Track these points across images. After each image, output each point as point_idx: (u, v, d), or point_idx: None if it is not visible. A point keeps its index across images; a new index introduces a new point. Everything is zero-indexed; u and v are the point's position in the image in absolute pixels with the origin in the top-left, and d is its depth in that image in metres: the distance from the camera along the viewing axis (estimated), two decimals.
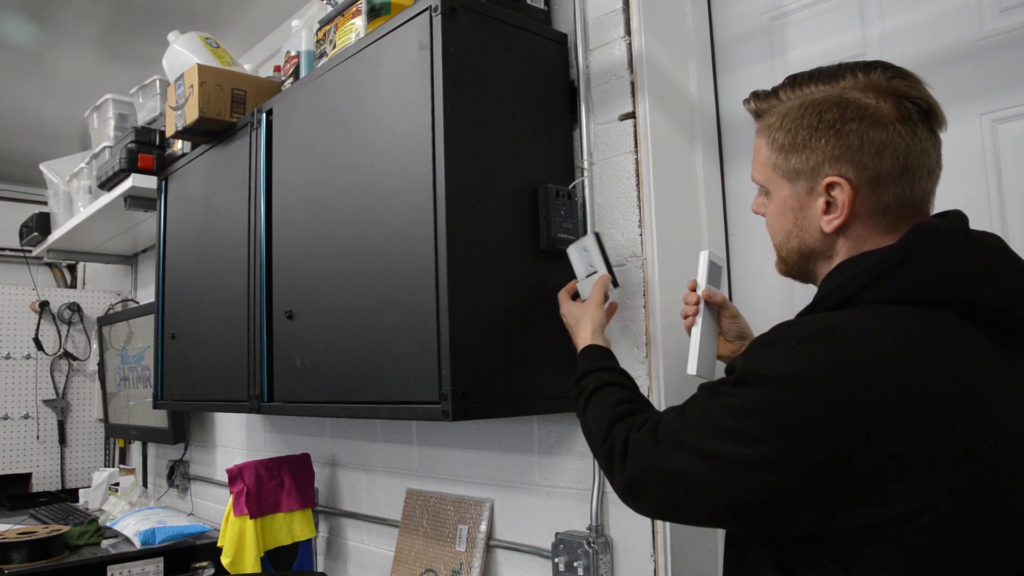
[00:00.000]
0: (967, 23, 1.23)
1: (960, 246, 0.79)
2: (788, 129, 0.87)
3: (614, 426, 0.95)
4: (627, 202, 1.43)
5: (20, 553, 2.12)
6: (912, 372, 0.72)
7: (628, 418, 0.96)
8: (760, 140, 0.91)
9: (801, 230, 0.88)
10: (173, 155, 2.35)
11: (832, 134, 0.83)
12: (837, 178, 0.83)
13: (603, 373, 1.11)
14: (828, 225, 0.85)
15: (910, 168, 0.82)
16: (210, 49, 2.11)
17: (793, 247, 0.90)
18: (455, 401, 1.24)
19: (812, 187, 0.85)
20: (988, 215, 1.20)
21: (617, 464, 0.91)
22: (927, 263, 0.78)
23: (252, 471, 1.97)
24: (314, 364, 1.57)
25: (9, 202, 4.31)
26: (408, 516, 1.84)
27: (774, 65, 1.48)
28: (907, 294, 0.78)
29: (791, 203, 0.88)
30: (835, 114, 0.83)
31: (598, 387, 1.07)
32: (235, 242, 1.90)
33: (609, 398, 1.03)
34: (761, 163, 0.91)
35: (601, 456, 0.96)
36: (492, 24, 1.40)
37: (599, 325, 1.22)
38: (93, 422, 3.57)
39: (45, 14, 2.54)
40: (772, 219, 0.92)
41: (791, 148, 0.86)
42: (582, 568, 1.40)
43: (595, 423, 1.00)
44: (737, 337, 1.21)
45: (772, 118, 0.89)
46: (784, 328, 0.80)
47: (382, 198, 1.42)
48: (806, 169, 0.85)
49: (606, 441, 0.94)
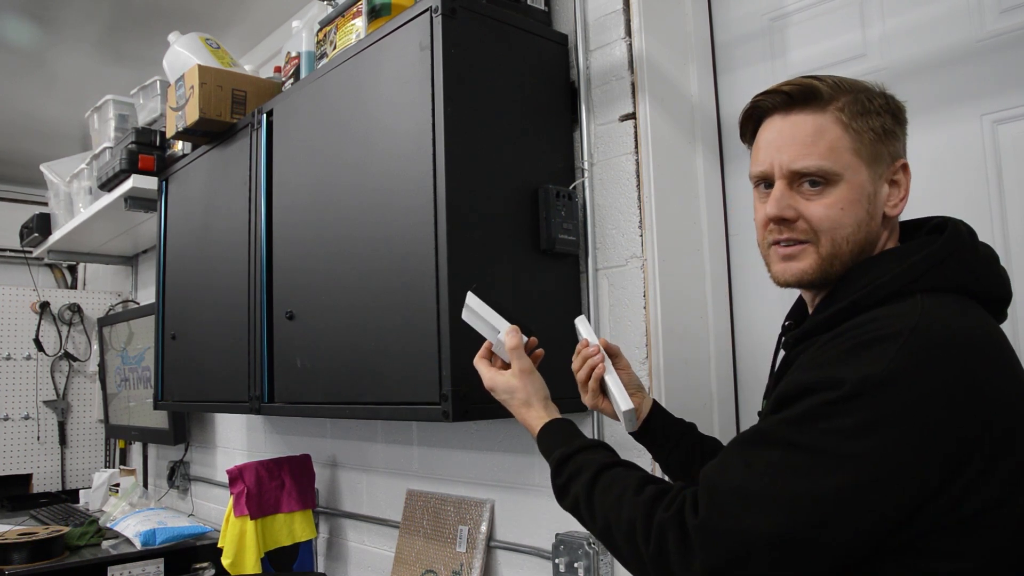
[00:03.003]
0: (967, 24, 1.23)
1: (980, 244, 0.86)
2: (878, 112, 0.85)
3: (654, 516, 0.79)
4: (627, 203, 1.43)
5: (21, 554, 2.12)
6: (1001, 350, 0.77)
7: (664, 500, 0.80)
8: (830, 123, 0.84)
9: (871, 218, 0.85)
10: (173, 156, 2.35)
11: (900, 123, 0.88)
12: (906, 160, 0.88)
13: (591, 453, 0.94)
14: (894, 208, 0.87)
15: None
16: (210, 50, 2.11)
17: (860, 239, 0.84)
18: (455, 402, 1.24)
19: (884, 171, 0.86)
20: (988, 215, 1.20)
21: (678, 563, 0.75)
22: (969, 255, 0.83)
23: (252, 472, 1.97)
24: (314, 365, 1.57)
25: (9, 203, 4.31)
26: (408, 517, 1.84)
27: (775, 66, 1.48)
28: (954, 284, 0.81)
29: (867, 188, 0.84)
30: (897, 104, 0.88)
31: (597, 472, 0.90)
32: (235, 243, 1.90)
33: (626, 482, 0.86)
34: (833, 147, 0.83)
35: (647, 559, 0.78)
36: (492, 25, 1.40)
37: (545, 395, 1.05)
38: (93, 423, 3.57)
39: (46, 15, 2.54)
40: (844, 209, 0.84)
41: (883, 131, 0.85)
42: (583, 569, 1.39)
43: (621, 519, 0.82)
44: (637, 388, 1.15)
45: (857, 101, 0.85)
46: (875, 325, 0.76)
47: (382, 199, 1.42)
48: (887, 153, 0.86)
49: (650, 539, 0.78)
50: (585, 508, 0.90)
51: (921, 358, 0.71)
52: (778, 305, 1.44)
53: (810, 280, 0.87)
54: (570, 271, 1.47)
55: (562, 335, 1.36)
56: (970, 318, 0.78)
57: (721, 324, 1.50)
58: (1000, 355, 0.77)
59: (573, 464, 0.94)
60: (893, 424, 0.69)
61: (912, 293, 0.80)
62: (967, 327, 0.76)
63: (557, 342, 1.39)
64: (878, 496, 0.69)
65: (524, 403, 1.04)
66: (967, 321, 0.77)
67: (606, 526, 0.85)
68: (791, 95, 0.86)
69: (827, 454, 0.70)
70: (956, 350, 0.73)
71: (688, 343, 1.43)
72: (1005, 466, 0.72)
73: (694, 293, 1.47)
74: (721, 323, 1.50)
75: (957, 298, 0.80)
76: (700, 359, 1.46)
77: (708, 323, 1.48)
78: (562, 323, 1.43)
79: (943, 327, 0.75)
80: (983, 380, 0.73)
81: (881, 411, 0.70)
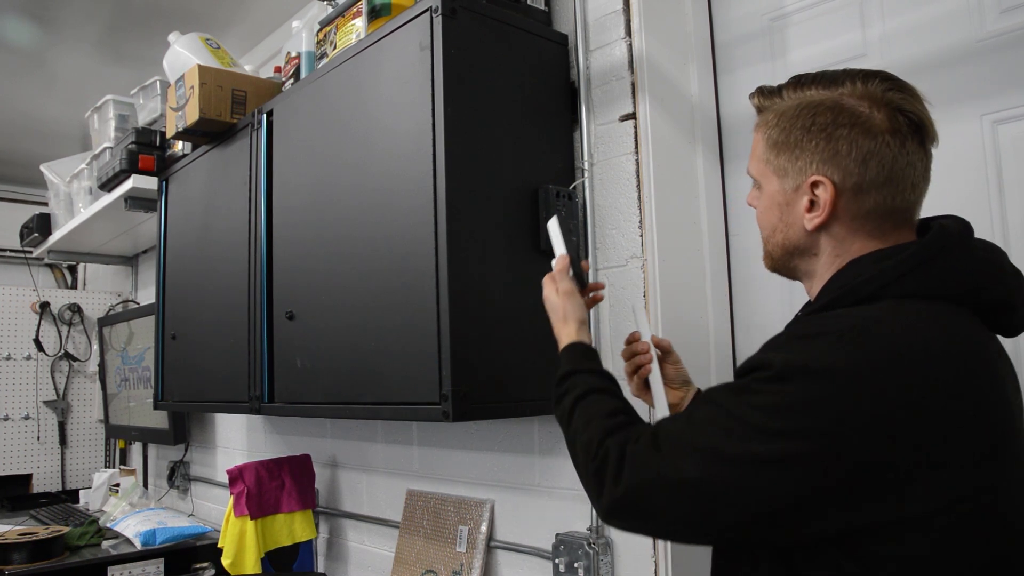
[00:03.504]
0: (968, 24, 1.23)
1: (974, 247, 0.84)
2: (783, 127, 0.89)
3: (608, 439, 0.88)
4: (628, 203, 1.43)
5: (21, 554, 2.12)
6: (951, 365, 0.75)
7: (624, 430, 0.89)
8: (757, 135, 0.94)
9: (786, 226, 0.90)
10: (174, 156, 2.35)
11: (823, 137, 0.85)
12: (822, 178, 0.85)
13: (590, 376, 1.02)
14: (809, 223, 0.87)
15: (894, 179, 0.84)
16: (210, 50, 2.11)
17: (778, 242, 0.92)
18: (455, 402, 1.24)
19: (798, 185, 0.88)
20: (988, 215, 1.20)
21: (610, 478, 0.84)
22: (953, 260, 0.81)
23: (252, 472, 1.97)
24: (315, 365, 1.57)
25: (10, 203, 4.31)
26: (408, 517, 1.84)
27: (775, 66, 1.48)
28: (932, 290, 0.80)
29: (778, 198, 0.91)
30: (828, 118, 0.85)
31: (586, 392, 0.99)
32: (236, 243, 1.90)
33: (602, 407, 0.95)
34: (756, 157, 0.94)
35: (590, 470, 0.88)
36: (492, 25, 1.40)
37: (580, 319, 1.12)
38: (94, 423, 3.57)
39: (46, 15, 2.54)
40: (761, 212, 0.94)
41: (783, 145, 0.89)
42: (583, 569, 1.39)
43: (584, 433, 0.93)
44: (683, 383, 1.20)
45: (770, 115, 0.92)
46: (822, 321, 0.80)
47: (382, 199, 1.42)
48: (795, 167, 0.88)
49: (597, 455, 0.87)
50: (567, 421, 0.99)
51: (846, 358, 0.73)
52: (778, 305, 1.44)
53: (766, 267, 0.97)
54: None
55: None
56: (925, 328, 0.76)
57: (721, 324, 1.50)
58: (940, 371, 0.74)
59: (571, 381, 1.02)
60: (802, 412, 0.73)
61: (880, 299, 0.80)
62: (911, 337, 0.75)
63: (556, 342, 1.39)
64: (775, 475, 0.73)
65: (561, 319, 1.12)
66: (917, 331, 0.75)
67: (574, 439, 0.96)
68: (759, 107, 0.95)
69: (744, 423, 0.76)
70: (887, 357, 0.73)
71: (688, 343, 1.43)
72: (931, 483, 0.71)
73: (694, 293, 1.47)
74: (721, 323, 1.50)
75: (927, 304, 0.79)
76: (700, 359, 1.46)
77: (708, 323, 1.48)
78: None
79: (884, 333, 0.75)
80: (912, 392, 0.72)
81: (794, 397, 0.73)
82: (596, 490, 0.86)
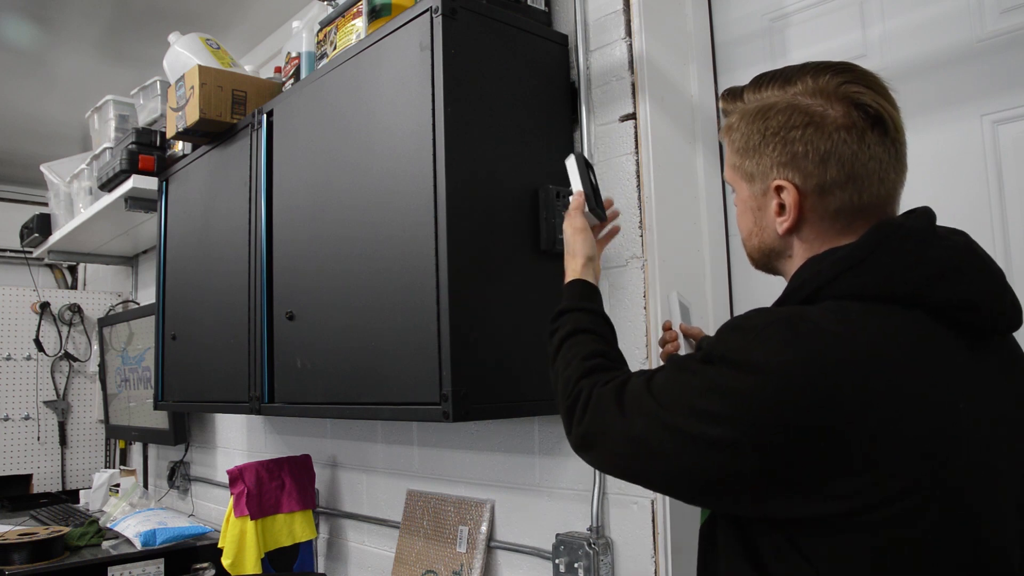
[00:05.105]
0: (968, 24, 1.23)
1: (924, 243, 0.79)
2: (743, 132, 0.88)
3: (582, 379, 0.95)
4: (628, 203, 1.43)
5: (21, 554, 2.12)
6: (871, 366, 0.73)
7: (598, 373, 0.95)
8: (725, 140, 0.94)
9: (760, 229, 0.90)
10: (174, 156, 2.35)
11: (778, 141, 0.84)
12: (783, 182, 0.84)
13: (583, 315, 1.07)
14: (780, 227, 0.87)
15: (857, 175, 0.81)
16: (211, 50, 2.11)
17: (754, 245, 0.93)
18: (456, 402, 1.24)
19: (765, 189, 0.87)
20: (988, 215, 1.20)
21: (577, 416, 0.92)
22: (890, 259, 0.78)
23: (253, 472, 1.97)
24: (315, 365, 1.57)
25: (10, 203, 4.31)
26: (409, 517, 1.84)
27: (775, 66, 1.45)
28: (872, 290, 0.78)
29: (750, 203, 0.91)
30: (781, 121, 0.84)
31: (574, 331, 1.04)
32: (236, 243, 1.90)
33: (583, 348, 1.01)
34: (727, 163, 0.94)
35: (564, 406, 0.96)
36: (493, 25, 1.40)
37: (588, 255, 1.15)
38: (94, 423, 3.57)
39: (46, 15, 2.54)
40: (738, 216, 0.95)
41: (745, 151, 0.88)
42: (583, 569, 1.39)
43: (564, 371, 0.99)
44: None
45: (733, 119, 0.91)
46: (752, 314, 0.81)
47: (383, 199, 1.42)
48: (759, 172, 0.87)
49: (571, 393, 0.95)
50: (552, 355, 1.04)
51: (766, 352, 0.74)
52: None
53: (753, 267, 0.98)
54: None
55: None
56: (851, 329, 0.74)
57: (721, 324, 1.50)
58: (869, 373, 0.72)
59: (565, 318, 1.07)
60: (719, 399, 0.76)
61: (821, 300, 0.80)
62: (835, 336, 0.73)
63: None
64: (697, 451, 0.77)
65: (571, 254, 1.16)
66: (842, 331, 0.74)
67: (556, 375, 1.01)
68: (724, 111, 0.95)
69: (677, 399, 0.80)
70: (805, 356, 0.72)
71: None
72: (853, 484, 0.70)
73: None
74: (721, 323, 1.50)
75: (866, 306, 0.77)
76: None
77: (708, 323, 1.48)
78: None
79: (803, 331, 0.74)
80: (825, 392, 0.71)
81: (714, 383, 0.77)
82: (567, 426, 0.94)
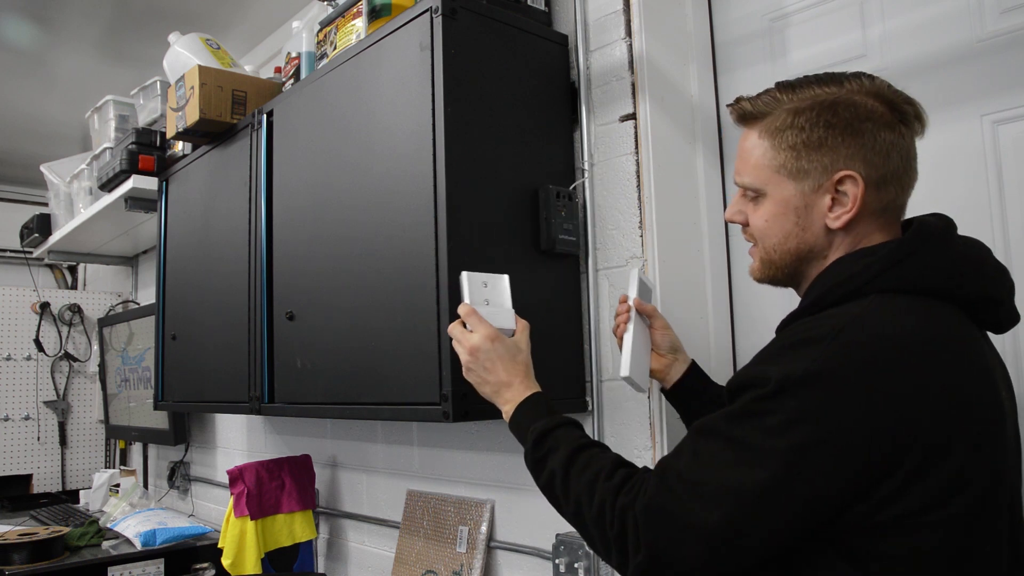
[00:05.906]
0: (968, 24, 1.23)
1: (955, 244, 0.85)
2: (802, 127, 0.87)
3: (617, 499, 0.84)
4: (628, 203, 1.43)
5: (21, 554, 2.12)
6: (938, 357, 0.75)
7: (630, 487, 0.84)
8: (758, 141, 0.90)
9: (803, 229, 0.88)
10: (174, 156, 2.35)
11: (849, 132, 0.85)
12: (851, 172, 0.84)
13: (571, 430, 0.98)
14: (836, 221, 0.86)
15: (908, 170, 0.86)
16: (211, 50, 2.11)
17: (791, 248, 0.90)
18: (456, 402, 1.24)
19: (820, 184, 0.86)
20: (988, 215, 1.20)
21: (631, 545, 0.80)
22: (932, 256, 0.82)
23: (253, 472, 1.97)
24: (315, 365, 1.57)
25: (10, 203, 4.31)
26: (409, 517, 1.84)
27: (775, 66, 1.48)
28: (916, 284, 0.80)
29: (794, 202, 0.88)
30: (851, 113, 0.85)
31: (575, 451, 0.94)
32: (236, 243, 1.90)
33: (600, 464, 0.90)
34: (757, 165, 0.90)
35: (609, 538, 0.83)
36: (493, 25, 1.40)
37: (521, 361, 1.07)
38: (94, 423, 3.57)
39: (46, 15, 2.54)
40: (768, 221, 0.90)
41: (805, 146, 0.86)
42: (583, 570, 1.39)
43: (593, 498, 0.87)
44: (669, 350, 1.22)
45: (778, 118, 0.89)
46: (808, 326, 0.79)
47: (383, 199, 1.42)
48: (819, 167, 0.86)
49: (614, 522, 0.82)
50: (558, 483, 0.93)
51: (841, 360, 0.73)
52: (778, 306, 1.44)
53: (758, 278, 0.95)
54: (570, 271, 1.47)
55: (562, 336, 1.36)
56: (913, 321, 0.77)
57: (721, 324, 1.50)
58: (933, 362, 0.74)
59: (549, 441, 0.97)
60: (809, 423, 0.72)
61: (866, 294, 0.80)
62: (901, 331, 0.75)
63: (557, 343, 1.40)
64: (795, 492, 0.73)
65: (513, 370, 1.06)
66: (905, 324, 0.76)
67: (578, 508, 0.89)
68: (741, 112, 0.93)
69: (753, 449, 0.74)
70: (881, 354, 0.73)
71: (688, 343, 1.43)
72: (935, 474, 0.72)
73: (694, 293, 1.47)
74: (721, 323, 1.50)
75: (913, 299, 0.79)
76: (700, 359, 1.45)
77: (708, 323, 1.48)
78: (562, 323, 1.43)
79: (873, 330, 0.75)
80: (909, 385, 0.72)
81: (799, 410, 0.73)
82: (619, 559, 0.83)
